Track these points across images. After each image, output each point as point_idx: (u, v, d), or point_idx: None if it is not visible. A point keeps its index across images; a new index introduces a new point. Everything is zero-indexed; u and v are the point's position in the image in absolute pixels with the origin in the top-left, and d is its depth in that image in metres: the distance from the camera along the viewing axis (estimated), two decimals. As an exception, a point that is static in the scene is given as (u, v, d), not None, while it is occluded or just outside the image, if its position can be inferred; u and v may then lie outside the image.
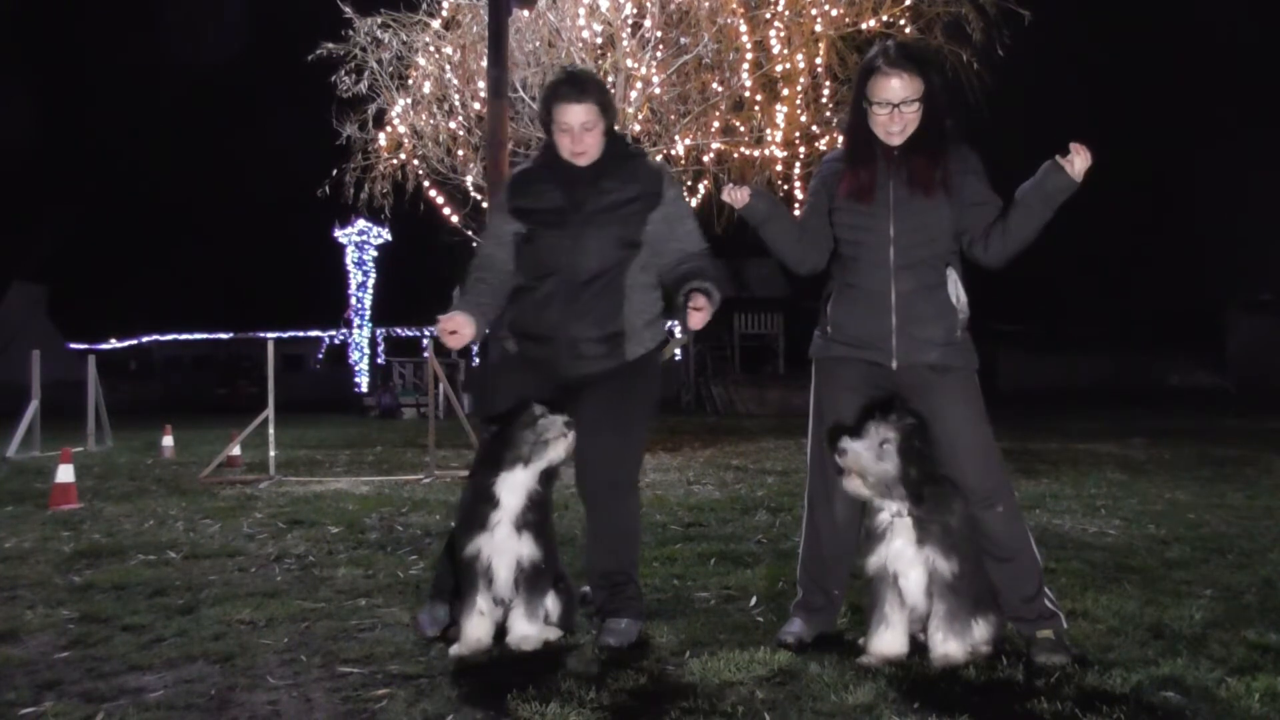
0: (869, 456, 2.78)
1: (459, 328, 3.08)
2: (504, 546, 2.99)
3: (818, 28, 10.96)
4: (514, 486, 3.01)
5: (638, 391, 3.19)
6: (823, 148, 11.70)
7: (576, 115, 3.06)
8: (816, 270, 3.14)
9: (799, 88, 11.14)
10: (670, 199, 3.17)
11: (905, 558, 2.82)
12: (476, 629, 3.00)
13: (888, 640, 2.85)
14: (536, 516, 3.03)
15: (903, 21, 11.04)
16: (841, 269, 3.07)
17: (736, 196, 2.99)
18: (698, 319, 3.01)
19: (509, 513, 3.00)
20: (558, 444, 2.99)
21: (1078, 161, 2.75)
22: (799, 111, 11.27)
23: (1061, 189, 2.81)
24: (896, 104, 2.87)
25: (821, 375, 3.11)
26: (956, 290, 2.99)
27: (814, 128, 11.63)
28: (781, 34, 11.00)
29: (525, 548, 3.00)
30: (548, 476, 3.09)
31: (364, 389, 28.56)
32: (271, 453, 8.53)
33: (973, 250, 3.01)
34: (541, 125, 3.25)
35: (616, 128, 3.25)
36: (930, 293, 2.96)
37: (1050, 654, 2.81)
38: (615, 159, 3.16)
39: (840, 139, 3.28)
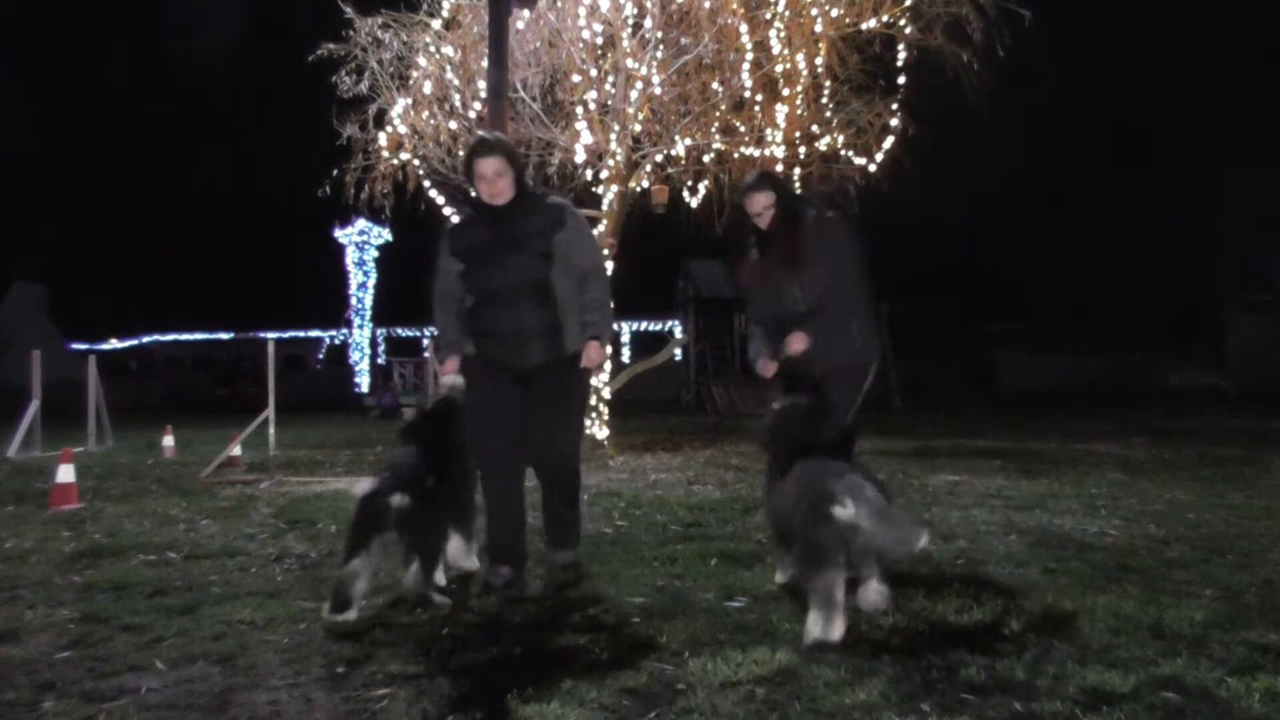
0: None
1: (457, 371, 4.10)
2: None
3: (818, 28, 10.93)
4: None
5: (574, 384, 4.10)
6: (823, 148, 11.69)
7: (489, 166, 3.92)
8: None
9: (799, 88, 11.11)
10: (571, 225, 4.04)
11: None
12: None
13: None
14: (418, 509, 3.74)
15: (903, 21, 11.02)
16: None
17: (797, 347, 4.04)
18: (592, 358, 4.00)
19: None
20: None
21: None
22: (799, 111, 11.25)
23: None
24: (757, 213, 4.16)
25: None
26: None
27: (814, 127, 11.61)
28: (782, 34, 10.98)
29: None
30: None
31: (364, 389, 28.58)
32: (272, 453, 8.54)
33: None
34: (465, 179, 4.08)
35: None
36: None
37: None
38: (525, 200, 4.01)
39: (840, 139, 4.09)
